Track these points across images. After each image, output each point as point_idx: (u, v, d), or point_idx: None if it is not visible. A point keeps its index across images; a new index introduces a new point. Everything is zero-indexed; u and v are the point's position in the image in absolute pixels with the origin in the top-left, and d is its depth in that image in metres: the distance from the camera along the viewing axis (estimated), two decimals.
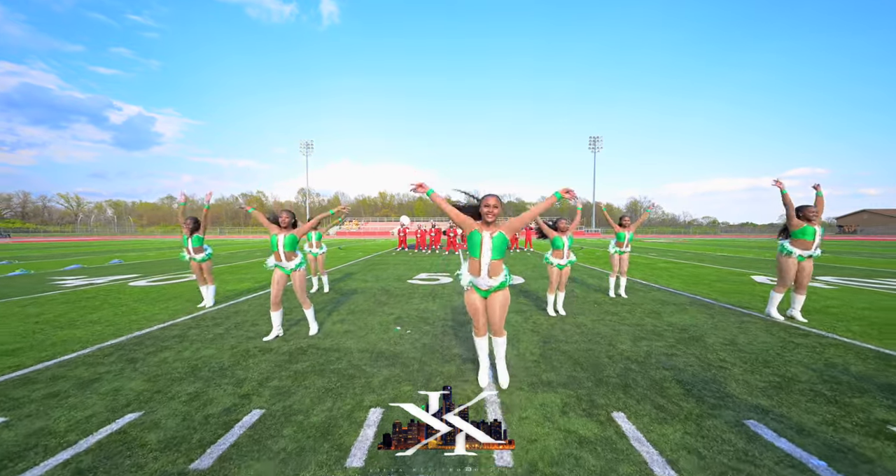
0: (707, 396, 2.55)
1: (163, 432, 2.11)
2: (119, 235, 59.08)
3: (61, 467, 1.79)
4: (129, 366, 3.13)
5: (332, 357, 3.37)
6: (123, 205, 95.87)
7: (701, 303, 5.63)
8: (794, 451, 1.92)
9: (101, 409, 2.38)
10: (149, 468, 1.80)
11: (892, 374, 2.92)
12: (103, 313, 5.03)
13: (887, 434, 2.08)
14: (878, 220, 62.38)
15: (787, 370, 3.00)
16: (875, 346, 3.56)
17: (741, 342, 3.73)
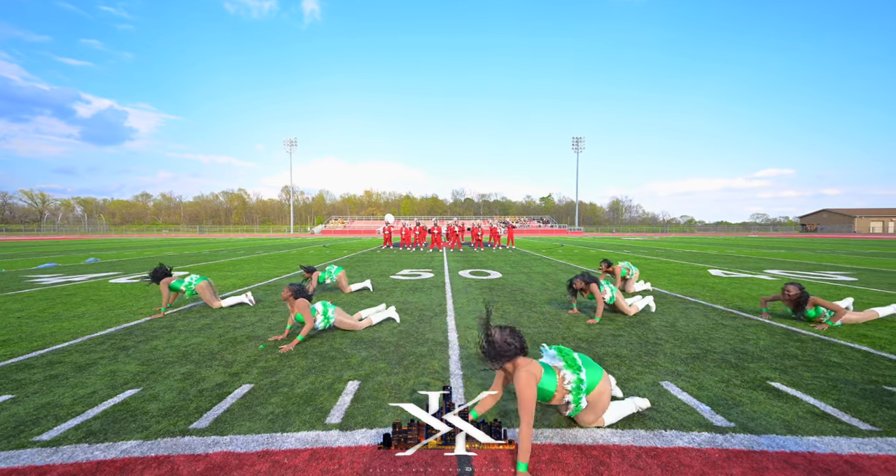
0: (636, 366, 3.02)
1: (162, 403, 2.40)
2: (91, 234, 56.43)
3: (74, 430, 2.07)
4: (121, 352, 3.36)
5: (314, 343, 3.68)
6: (94, 202, 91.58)
7: (657, 293, 6.21)
8: (690, 401, 2.40)
9: (101, 386, 2.64)
10: (153, 429, 2.09)
11: (790, 345, 3.50)
12: (88, 308, 5.15)
13: (763, 386, 2.60)
14: (836, 218, 66.76)
15: (709, 345, 3.53)
16: (787, 326, 4.16)
17: (680, 325, 4.27)
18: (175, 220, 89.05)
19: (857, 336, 3.78)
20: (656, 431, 2.07)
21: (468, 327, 4.20)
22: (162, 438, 1.99)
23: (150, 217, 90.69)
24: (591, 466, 1.79)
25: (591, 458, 1.86)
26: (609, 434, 2.06)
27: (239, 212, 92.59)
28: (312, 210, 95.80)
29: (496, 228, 19.89)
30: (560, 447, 1.96)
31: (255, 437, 2.01)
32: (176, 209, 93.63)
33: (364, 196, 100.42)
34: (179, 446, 1.92)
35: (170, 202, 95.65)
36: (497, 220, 52.90)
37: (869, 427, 2.09)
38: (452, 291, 6.43)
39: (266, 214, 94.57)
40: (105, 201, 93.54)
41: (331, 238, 38.52)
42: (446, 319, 4.56)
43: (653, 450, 1.91)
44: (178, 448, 1.91)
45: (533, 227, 60.46)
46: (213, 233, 65.90)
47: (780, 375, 2.80)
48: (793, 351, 3.35)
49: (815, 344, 3.55)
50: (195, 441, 1.97)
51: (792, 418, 2.19)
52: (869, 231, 61.52)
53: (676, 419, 2.19)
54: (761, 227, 75.53)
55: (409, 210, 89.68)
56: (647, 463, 1.81)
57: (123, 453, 1.86)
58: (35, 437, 2.00)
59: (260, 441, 1.98)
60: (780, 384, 2.65)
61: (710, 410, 2.28)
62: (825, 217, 69.55)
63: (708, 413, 2.26)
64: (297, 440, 1.99)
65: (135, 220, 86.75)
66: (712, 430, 2.08)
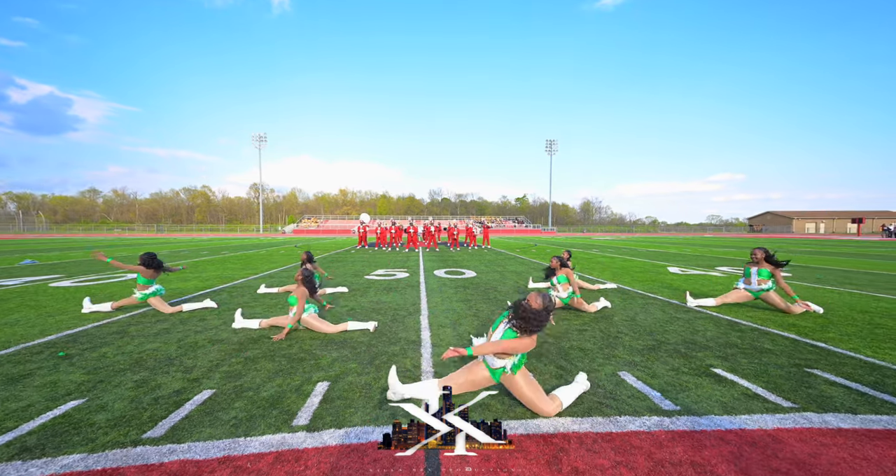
0: (598, 357, 3.21)
1: (110, 413, 2.24)
2: (27, 234, 50.84)
3: (4, 447, 1.89)
4: (63, 362, 3.09)
5: (283, 344, 3.58)
6: (30, 198, 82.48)
7: (621, 290, 6.58)
8: (644, 389, 2.59)
9: (38, 399, 2.42)
10: (100, 441, 1.96)
11: (733, 335, 3.85)
12: (22, 314, 4.68)
13: (707, 373, 2.86)
14: (778, 220, 73.65)
15: (664, 337, 3.80)
16: (731, 317, 4.57)
17: (639, 319, 4.56)
18: (129, 218, 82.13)
19: (787, 325, 4.22)
20: (612, 418, 2.22)
21: (441, 326, 4.25)
22: (110, 450, 1.87)
23: (100, 215, 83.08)
24: (551, 453, 1.90)
25: (552, 446, 1.96)
26: (570, 422, 2.18)
27: (202, 210, 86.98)
28: (284, 209, 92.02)
29: (472, 228, 20.14)
30: (524, 437, 2.05)
31: (216, 443, 1.94)
32: (130, 207, 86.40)
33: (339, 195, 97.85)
34: (130, 457, 1.81)
35: (123, 199, 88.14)
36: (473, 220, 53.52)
37: (790, 404, 2.36)
38: (427, 291, 6.46)
39: (233, 213, 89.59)
40: (44, 197, 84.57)
41: (303, 238, 37.23)
42: (420, 318, 4.58)
43: (608, 435, 2.05)
44: (128, 459, 1.80)
45: (508, 227, 61.69)
46: (174, 232, 61.55)
47: (722, 362, 3.08)
48: (734, 340, 3.69)
49: (754, 333, 3.93)
50: (148, 451, 1.86)
51: (728, 400, 2.43)
52: (804, 231, 68.44)
53: (630, 406, 2.35)
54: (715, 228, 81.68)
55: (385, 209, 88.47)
56: (601, 447, 1.94)
57: (64, 468, 1.72)
58: None
59: (221, 447, 1.91)
60: (721, 370, 2.91)
61: (660, 396, 2.48)
62: (769, 218, 76.47)
63: (658, 399, 2.45)
64: (262, 444, 1.94)
65: (81, 218, 79.04)
66: (661, 414, 2.26)
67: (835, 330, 4.03)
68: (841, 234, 54.07)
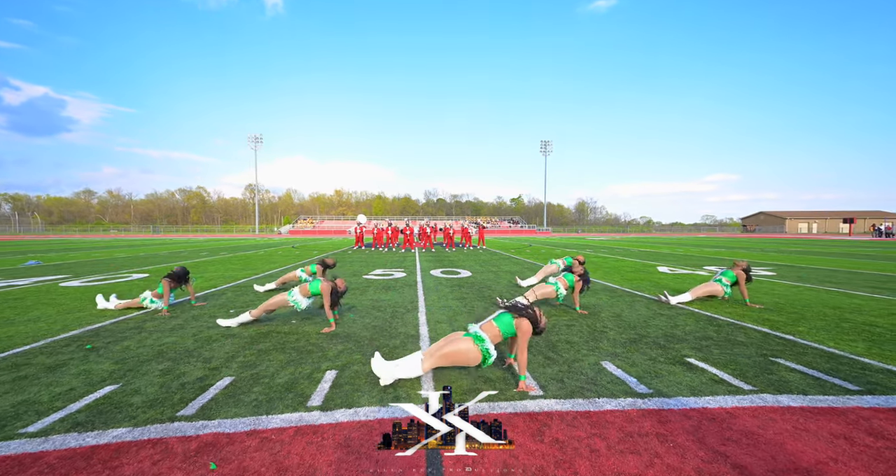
0: (583, 349, 3.50)
1: (145, 396, 2.51)
2: (24, 235, 50.61)
3: (59, 422, 2.15)
4: (91, 353, 3.34)
5: (291, 338, 3.85)
6: (25, 199, 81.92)
7: (610, 288, 6.89)
8: (622, 376, 2.88)
9: (77, 384, 2.68)
10: (140, 418, 2.22)
11: (710, 329, 4.16)
12: (42, 311, 4.91)
13: (681, 362, 3.16)
14: (771, 220, 74.63)
15: (646, 331, 4.10)
16: (710, 313, 4.89)
17: (625, 315, 4.86)
18: (124, 219, 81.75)
19: (762, 320, 4.54)
20: (591, 399, 2.51)
21: (438, 322, 4.53)
22: (151, 425, 2.14)
23: (95, 216, 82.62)
24: (536, 428, 2.18)
25: (537, 422, 2.25)
26: (553, 403, 2.47)
27: (198, 211, 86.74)
28: (279, 209, 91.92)
29: (468, 229, 20.43)
30: (513, 415, 2.34)
31: (242, 420, 2.21)
32: (125, 208, 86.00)
33: (334, 195, 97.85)
34: (170, 430, 2.08)
35: (118, 200, 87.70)
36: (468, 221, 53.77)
37: (750, 387, 2.67)
38: (424, 290, 6.74)
39: (228, 214, 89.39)
40: (39, 198, 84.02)
41: (299, 238, 37.37)
42: (418, 315, 4.86)
43: (587, 413, 2.34)
44: (168, 432, 2.07)
45: (503, 228, 62.06)
46: (170, 233, 61.40)
47: (696, 353, 3.39)
48: (710, 334, 4.00)
49: (729, 327, 4.24)
50: (185, 425, 2.13)
51: (697, 384, 2.72)
52: (797, 231, 69.43)
53: (609, 389, 2.65)
54: (709, 228, 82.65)
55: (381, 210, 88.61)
56: (580, 422, 2.23)
57: (116, 439, 1.99)
58: (20, 429, 2.07)
59: (247, 423, 2.18)
60: (694, 360, 3.22)
61: (636, 382, 2.77)
62: (762, 218, 77.45)
63: (634, 384, 2.74)
64: (282, 420, 2.21)
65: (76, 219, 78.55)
66: (635, 396, 2.55)
67: (805, 324, 4.35)
68: (833, 234, 54.96)
